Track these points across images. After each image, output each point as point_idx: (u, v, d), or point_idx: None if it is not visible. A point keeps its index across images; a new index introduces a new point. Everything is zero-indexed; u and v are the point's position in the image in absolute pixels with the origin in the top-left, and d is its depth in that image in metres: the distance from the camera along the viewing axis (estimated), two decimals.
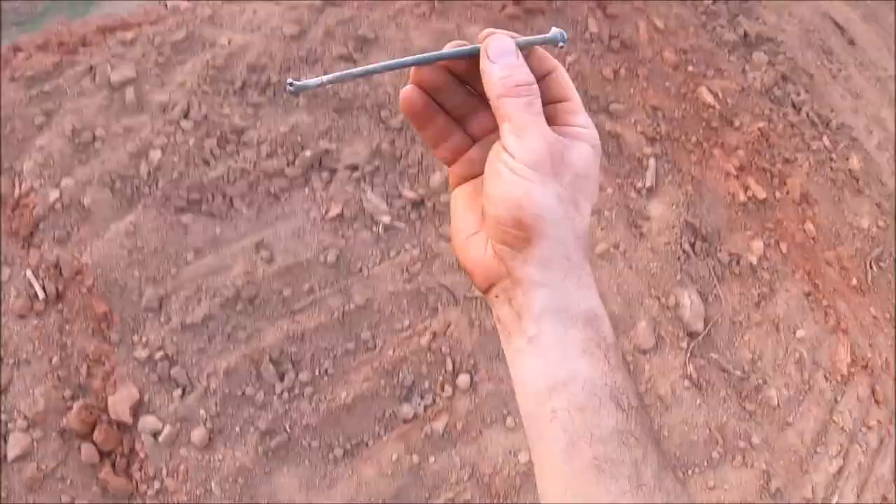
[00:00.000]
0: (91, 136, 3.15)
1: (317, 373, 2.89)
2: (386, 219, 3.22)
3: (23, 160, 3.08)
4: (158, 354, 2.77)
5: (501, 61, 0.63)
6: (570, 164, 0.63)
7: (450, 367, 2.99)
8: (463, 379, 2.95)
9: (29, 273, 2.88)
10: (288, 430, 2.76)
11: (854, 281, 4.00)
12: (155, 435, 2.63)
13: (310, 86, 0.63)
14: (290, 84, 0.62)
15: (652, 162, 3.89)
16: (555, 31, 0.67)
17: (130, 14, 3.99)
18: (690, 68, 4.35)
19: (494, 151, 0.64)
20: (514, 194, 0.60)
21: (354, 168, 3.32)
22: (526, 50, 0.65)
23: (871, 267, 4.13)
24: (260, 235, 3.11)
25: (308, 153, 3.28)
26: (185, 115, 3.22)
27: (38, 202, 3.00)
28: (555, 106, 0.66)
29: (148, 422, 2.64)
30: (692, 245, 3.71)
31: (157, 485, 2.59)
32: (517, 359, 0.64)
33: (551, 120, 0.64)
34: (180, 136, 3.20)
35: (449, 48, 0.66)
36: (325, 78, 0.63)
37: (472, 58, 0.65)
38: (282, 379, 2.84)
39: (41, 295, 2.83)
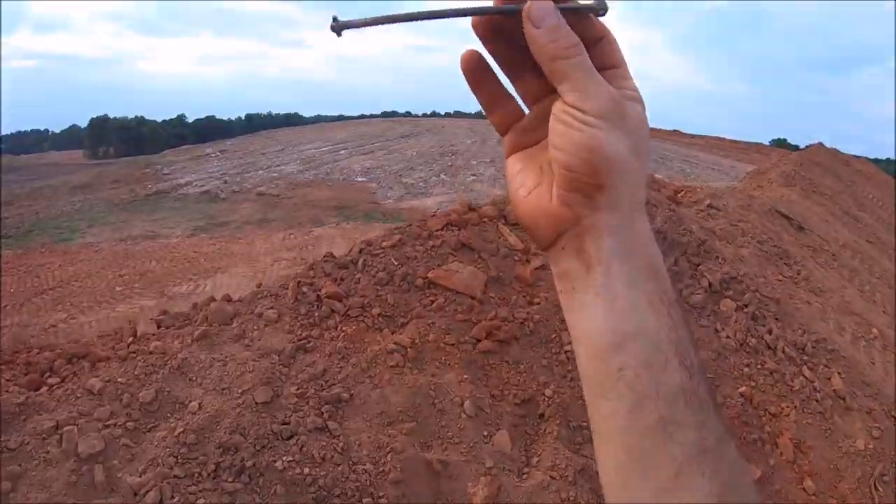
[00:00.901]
0: None
1: None
2: None
3: None
4: None
5: (545, 24, 0.62)
6: (629, 118, 0.63)
7: None
8: None
9: None
10: None
11: None
12: None
13: (352, 25, 0.63)
14: (334, 20, 0.62)
15: None
16: None
17: (100, 338, 3.81)
18: None
19: (557, 109, 0.64)
20: (585, 140, 0.61)
21: None
22: (568, 15, 0.64)
23: (876, 488, 4.54)
24: None
25: None
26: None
27: None
28: (607, 72, 0.65)
29: None
30: None
31: None
32: (583, 313, 0.63)
33: None
34: None
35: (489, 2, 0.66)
36: (369, 18, 0.63)
37: (518, 18, 0.64)
38: None
39: None
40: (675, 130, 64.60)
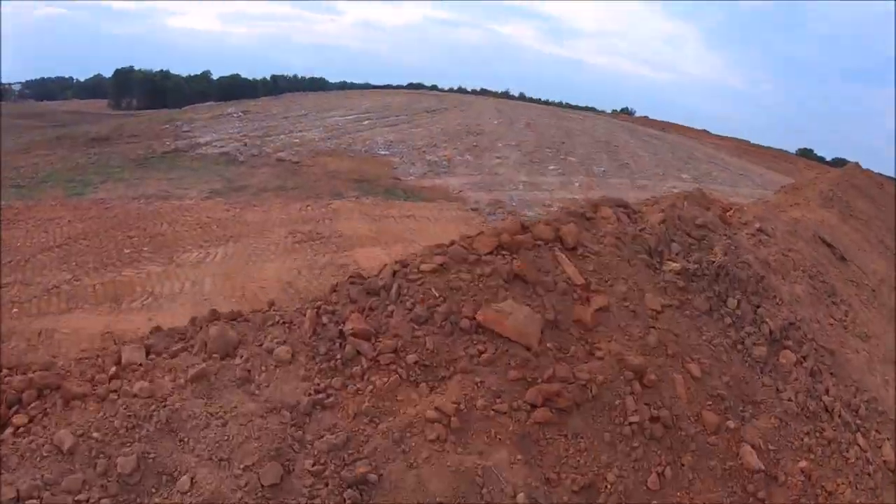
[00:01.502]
0: None
1: None
2: None
3: None
4: None
5: None
6: None
7: None
8: None
9: None
10: None
11: None
12: None
13: None
14: None
15: None
16: None
17: (78, 363, 3.19)
18: (730, 423, 4.26)
19: None
20: None
21: None
22: None
23: None
24: None
25: None
26: None
27: None
28: None
29: None
30: None
31: None
32: None
33: None
34: None
35: None
36: None
37: None
38: None
39: None
40: (703, 130, 63.33)
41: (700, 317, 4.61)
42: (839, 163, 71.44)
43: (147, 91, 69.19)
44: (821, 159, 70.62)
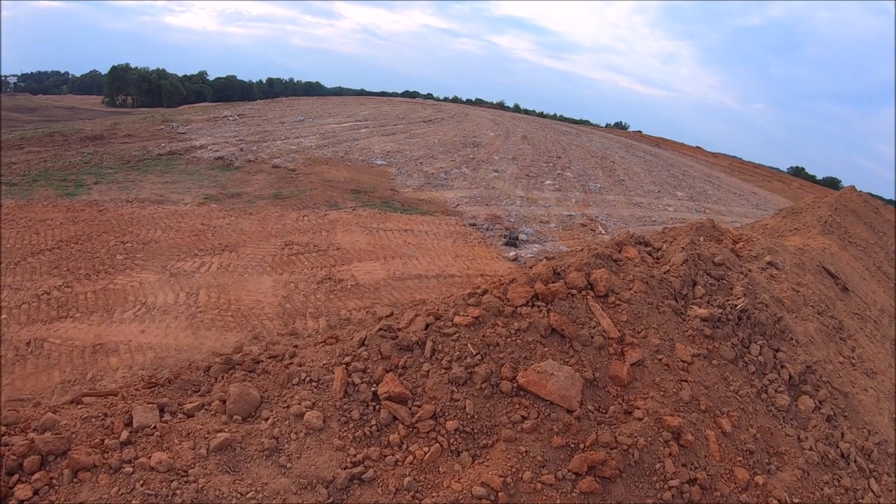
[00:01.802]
0: None
1: None
2: None
3: None
4: None
5: None
6: None
7: None
8: None
9: None
10: None
11: None
12: None
13: None
14: None
15: None
16: None
17: (84, 423, 2.93)
18: (759, 477, 4.20)
19: None
20: None
21: None
22: None
23: None
24: None
25: None
26: None
27: None
28: None
29: None
30: None
31: None
32: None
33: None
34: None
35: None
36: None
37: None
38: None
39: None
40: (697, 147, 63.78)
41: (727, 365, 4.49)
42: (830, 181, 72.32)
43: (143, 89, 68.77)
44: (812, 178, 71.34)
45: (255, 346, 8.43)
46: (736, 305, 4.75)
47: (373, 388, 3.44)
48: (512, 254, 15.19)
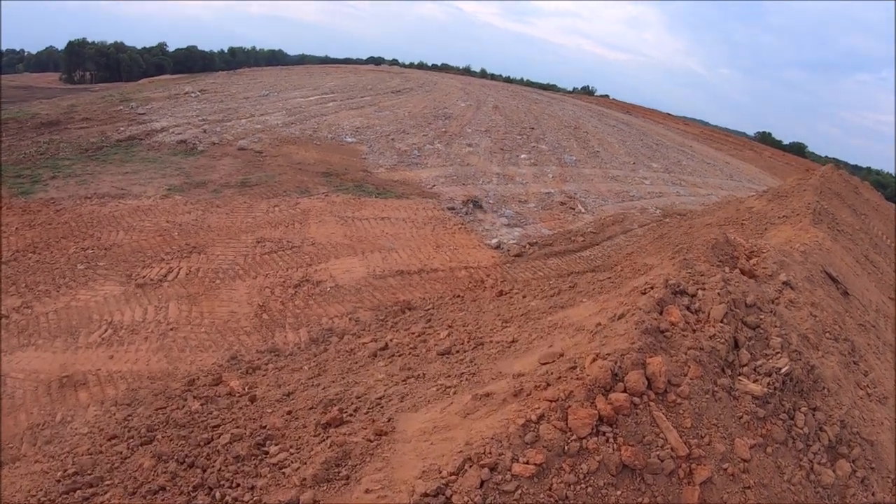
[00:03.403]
0: None
1: None
2: None
3: None
4: None
5: None
6: None
7: None
8: None
9: None
10: None
11: None
12: None
13: None
14: None
15: None
16: None
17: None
18: None
19: None
20: None
21: None
22: None
23: None
24: None
25: None
26: None
27: None
28: None
29: None
30: None
31: None
32: None
33: None
34: None
35: None
36: None
37: None
38: None
39: None
40: (667, 114, 63.74)
41: (779, 449, 4.13)
42: (797, 147, 73.14)
43: (101, 64, 66.15)
44: (778, 143, 72.06)
45: (234, 370, 7.91)
46: (780, 370, 4.38)
47: None
48: (494, 241, 14.74)
